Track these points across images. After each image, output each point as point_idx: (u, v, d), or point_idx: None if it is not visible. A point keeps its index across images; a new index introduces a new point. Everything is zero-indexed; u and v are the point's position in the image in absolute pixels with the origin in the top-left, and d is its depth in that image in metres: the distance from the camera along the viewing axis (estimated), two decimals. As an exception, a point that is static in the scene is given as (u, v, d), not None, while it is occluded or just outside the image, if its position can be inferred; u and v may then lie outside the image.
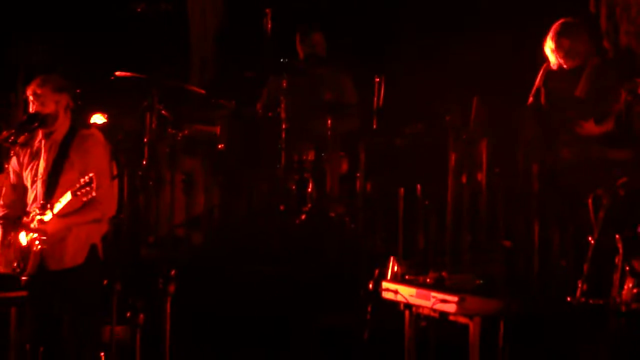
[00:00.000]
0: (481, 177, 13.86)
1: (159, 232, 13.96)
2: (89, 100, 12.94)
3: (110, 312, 11.09)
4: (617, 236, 10.41)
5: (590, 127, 12.93)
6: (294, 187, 14.60)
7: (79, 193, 10.57)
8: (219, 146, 14.85)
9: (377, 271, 10.98)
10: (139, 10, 16.89)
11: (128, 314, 11.07)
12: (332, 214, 14.47)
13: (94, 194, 10.60)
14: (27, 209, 11.24)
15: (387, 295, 10.74)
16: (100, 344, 11.32)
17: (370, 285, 10.89)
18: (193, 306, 11.93)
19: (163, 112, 14.41)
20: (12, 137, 11.63)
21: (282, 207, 14.41)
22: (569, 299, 10.56)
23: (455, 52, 14.90)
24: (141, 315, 11.08)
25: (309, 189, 14.53)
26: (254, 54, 15.59)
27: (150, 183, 14.03)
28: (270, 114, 14.85)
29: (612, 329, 9.98)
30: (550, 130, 13.14)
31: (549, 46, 13.10)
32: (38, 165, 11.34)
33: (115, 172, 11.66)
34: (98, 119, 13.65)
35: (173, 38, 17.76)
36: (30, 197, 11.32)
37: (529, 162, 13.25)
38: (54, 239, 10.98)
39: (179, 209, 14.34)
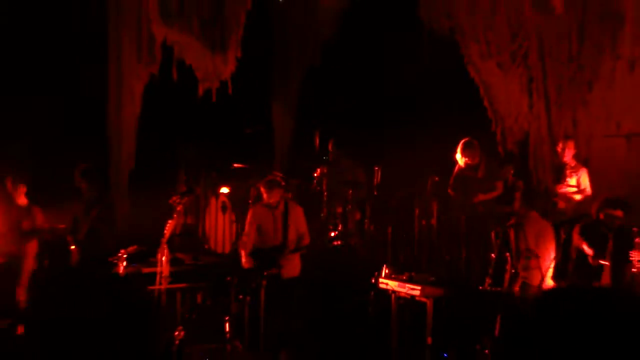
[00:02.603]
0: (434, 222, 14.23)
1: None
2: (220, 179, 13.34)
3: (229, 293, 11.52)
4: (507, 254, 10.80)
5: (484, 197, 13.32)
6: (330, 227, 14.69)
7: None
8: None
9: (376, 273, 11.01)
10: (247, 131, 17.09)
11: (240, 297, 11.49)
12: (352, 242, 14.56)
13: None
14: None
15: (382, 286, 10.87)
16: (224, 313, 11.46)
17: (373, 280, 11.00)
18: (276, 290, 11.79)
19: (259, 186, 14.69)
20: (178, 200, 12.05)
21: (323, 239, 14.56)
22: (480, 288, 10.74)
23: (423, 150, 14.73)
24: (248, 298, 11.45)
25: (339, 228, 14.63)
26: (309, 155, 15.77)
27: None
28: (317, 188, 15.03)
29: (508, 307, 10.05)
30: (465, 198, 13.45)
31: (458, 156, 13.40)
32: (272, 221, 11.97)
33: None
34: (224, 189, 13.95)
35: (265, 145, 17.98)
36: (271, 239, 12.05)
37: (460, 212, 13.58)
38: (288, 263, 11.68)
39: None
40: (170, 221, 11.70)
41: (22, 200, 12.71)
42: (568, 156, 13.40)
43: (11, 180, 12.71)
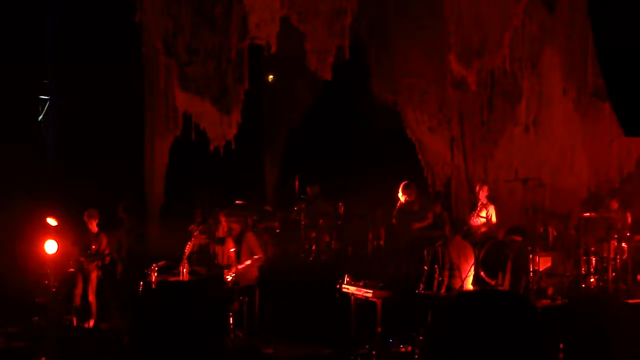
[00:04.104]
0: (382, 242, 14.28)
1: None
2: (227, 212, 13.27)
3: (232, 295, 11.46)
4: (435, 267, 10.72)
5: (418, 225, 13.37)
6: (307, 247, 14.58)
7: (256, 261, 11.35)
8: (277, 230, 14.90)
9: (340, 280, 10.95)
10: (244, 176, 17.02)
11: (241, 298, 11.40)
12: (323, 257, 14.45)
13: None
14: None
15: (344, 290, 10.86)
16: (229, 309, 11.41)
17: (337, 286, 10.94)
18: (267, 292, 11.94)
19: (254, 217, 14.53)
20: (195, 227, 12.09)
21: (302, 255, 14.41)
22: (416, 291, 10.75)
23: (374, 190, 14.64)
24: (246, 299, 11.41)
25: (313, 247, 14.53)
26: (290, 195, 15.79)
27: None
28: (297, 219, 14.93)
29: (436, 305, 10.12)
30: (405, 225, 13.45)
31: (399, 194, 13.30)
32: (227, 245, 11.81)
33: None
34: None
35: (258, 187, 17.89)
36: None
37: (401, 236, 13.51)
38: (243, 275, 11.42)
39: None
40: (189, 243, 11.80)
41: (94, 228, 12.79)
42: (482, 196, 13.45)
43: (87, 214, 12.80)
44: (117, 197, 13.76)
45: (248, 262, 11.56)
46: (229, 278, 11.50)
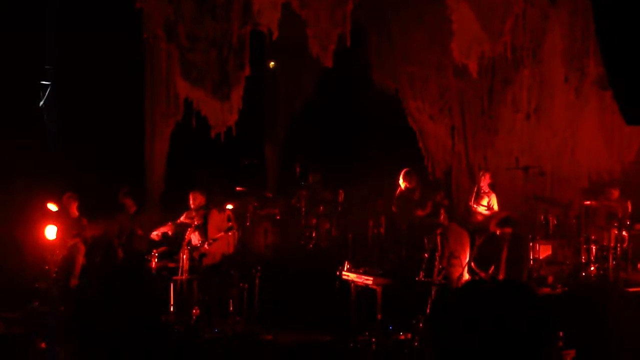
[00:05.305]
0: (382, 230, 14.28)
1: (253, 251, 13.72)
2: (226, 198, 13.29)
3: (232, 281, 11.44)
4: (437, 254, 10.67)
5: (420, 213, 13.33)
6: (307, 234, 14.56)
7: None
8: (277, 217, 14.88)
9: (340, 267, 10.78)
10: (246, 162, 17.03)
11: (241, 284, 11.29)
12: (323, 245, 14.47)
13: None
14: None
15: (344, 277, 10.68)
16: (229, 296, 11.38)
17: (337, 273, 10.77)
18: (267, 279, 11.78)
19: (255, 203, 14.68)
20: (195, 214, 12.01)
21: (302, 242, 14.45)
22: (416, 278, 10.70)
23: (374, 177, 14.68)
24: (246, 285, 11.31)
25: (314, 234, 14.53)
26: (291, 181, 15.77)
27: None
28: (297, 205, 14.93)
29: (434, 291, 10.19)
30: (405, 213, 13.45)
31: (400, 181, 13.30)
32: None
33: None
34: (229, 206, 13.84)
35: (259, 173, 17.93)
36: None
37: (401, 223, 13.55)
38: (209, 254, 11.40)
39: (260, 241, 14.45)
40: (189, 229, 11.81)
41: (74, 212, 12.68)
42: (484, 184, 13.45)
43: (66, 197, 12.71)
44: (118, 182, 13.74)
45: (220, 234, 11.49)
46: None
